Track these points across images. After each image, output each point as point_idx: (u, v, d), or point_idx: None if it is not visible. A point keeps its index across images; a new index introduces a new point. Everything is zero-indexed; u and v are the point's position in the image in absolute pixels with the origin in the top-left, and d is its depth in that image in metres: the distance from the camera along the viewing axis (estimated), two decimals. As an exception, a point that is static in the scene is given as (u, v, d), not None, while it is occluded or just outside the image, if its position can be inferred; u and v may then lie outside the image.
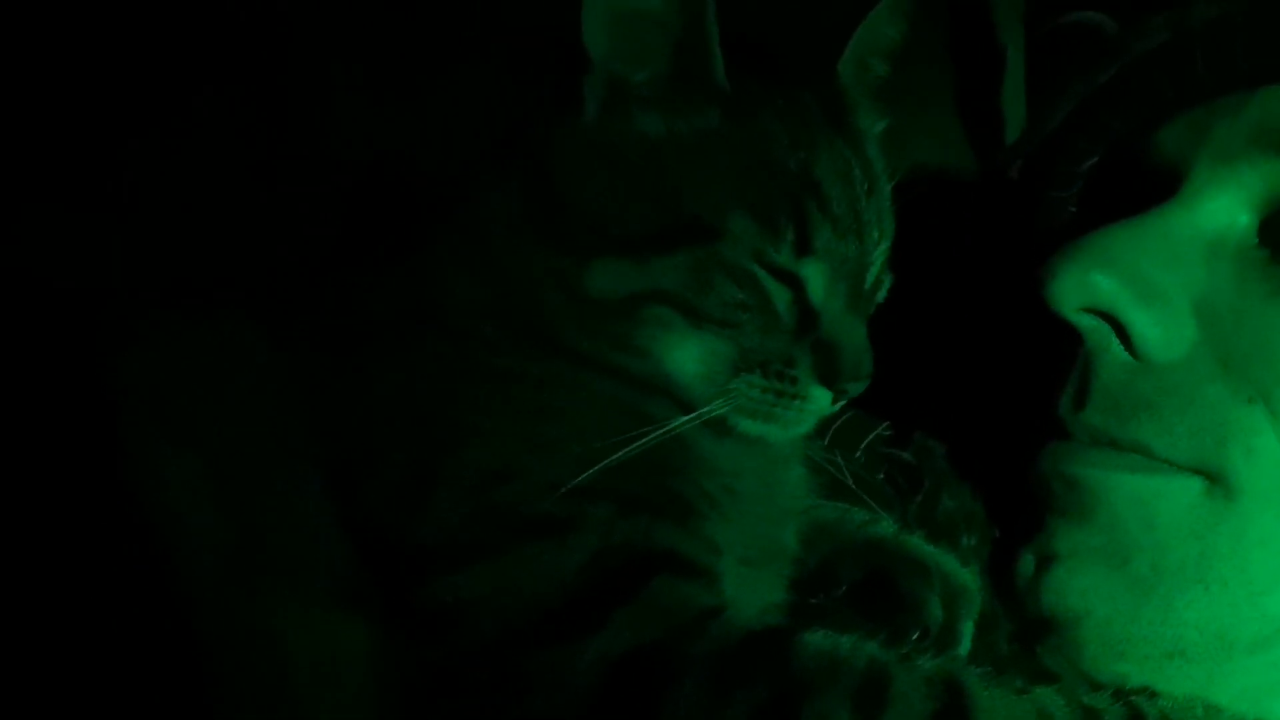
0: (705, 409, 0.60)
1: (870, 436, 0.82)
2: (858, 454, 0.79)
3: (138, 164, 0.83)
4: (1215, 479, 0.64)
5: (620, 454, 0.56)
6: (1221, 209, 0.66)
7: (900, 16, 0.66)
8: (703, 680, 0.52)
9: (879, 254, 0.63)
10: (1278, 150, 0.65)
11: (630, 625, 0.53)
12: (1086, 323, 0.66)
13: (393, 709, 0.54)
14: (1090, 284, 0.65)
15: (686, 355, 0.60)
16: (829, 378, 0.60)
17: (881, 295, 0.65)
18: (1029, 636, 0.70)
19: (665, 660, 0.53)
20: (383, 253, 0.66)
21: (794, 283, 0.60)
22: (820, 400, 0.61)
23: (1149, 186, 0.68)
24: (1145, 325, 0.65)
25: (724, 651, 0.53)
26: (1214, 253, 0.66)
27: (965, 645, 0.65)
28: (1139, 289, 0.65)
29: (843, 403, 0.62)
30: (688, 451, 0.60)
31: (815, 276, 0.60)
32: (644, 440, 0.57)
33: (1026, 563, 0.71)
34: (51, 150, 0.80)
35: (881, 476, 0.79)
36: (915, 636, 0.63)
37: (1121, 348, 0.66)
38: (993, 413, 0.78)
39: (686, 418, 0.59)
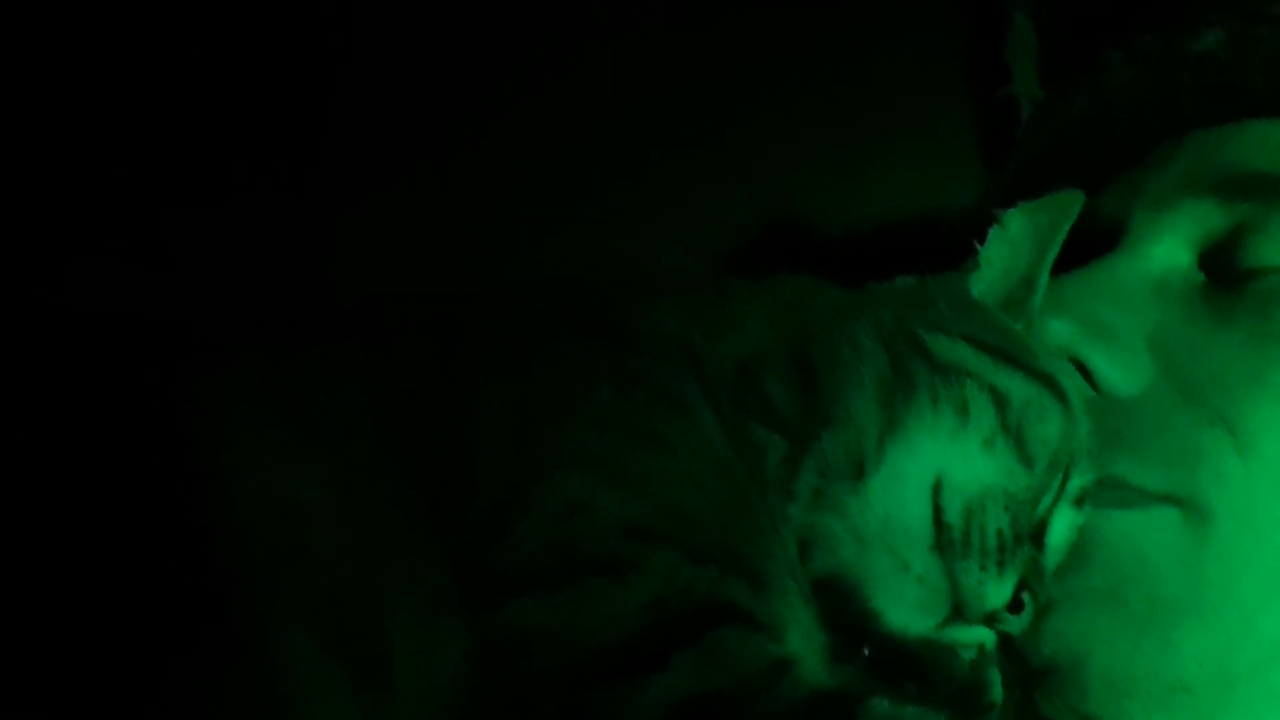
0: None
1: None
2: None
3: (258, 199, 0.87)
4: (1188, 505, 0.67)
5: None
6: (1163, 253, 0.70)
7: None
8: None
9: None
10: (1206, 190, 0.68)
11: (693, 669, 0.53)
12: None
13: None
14: (1045, 328, 0.68)
15: None
16: None
17: None
18: (1027, 684, 0.74)
19: (732, 710, 0.53)
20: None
21: None
22: None
23: (1093, 245, 0.72)
24: (1103, 362, 0.68)
25: (793, 707, 0.53)
26: (1160, 292, 0.69)
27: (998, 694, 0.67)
28: (1092, 329, 0.68)
29: None
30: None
31: None
32: None
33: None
34: (165, 174, 0.85)
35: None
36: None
37: (1087, 385, 0.70)
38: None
39: None
